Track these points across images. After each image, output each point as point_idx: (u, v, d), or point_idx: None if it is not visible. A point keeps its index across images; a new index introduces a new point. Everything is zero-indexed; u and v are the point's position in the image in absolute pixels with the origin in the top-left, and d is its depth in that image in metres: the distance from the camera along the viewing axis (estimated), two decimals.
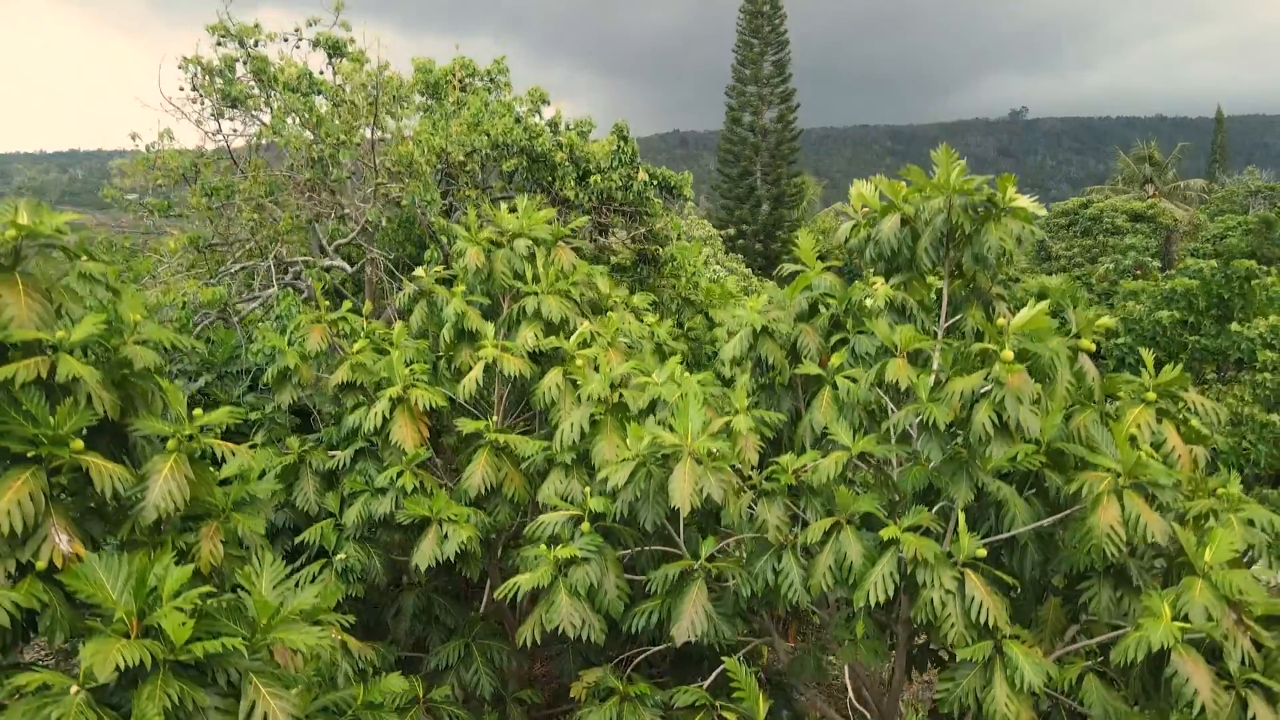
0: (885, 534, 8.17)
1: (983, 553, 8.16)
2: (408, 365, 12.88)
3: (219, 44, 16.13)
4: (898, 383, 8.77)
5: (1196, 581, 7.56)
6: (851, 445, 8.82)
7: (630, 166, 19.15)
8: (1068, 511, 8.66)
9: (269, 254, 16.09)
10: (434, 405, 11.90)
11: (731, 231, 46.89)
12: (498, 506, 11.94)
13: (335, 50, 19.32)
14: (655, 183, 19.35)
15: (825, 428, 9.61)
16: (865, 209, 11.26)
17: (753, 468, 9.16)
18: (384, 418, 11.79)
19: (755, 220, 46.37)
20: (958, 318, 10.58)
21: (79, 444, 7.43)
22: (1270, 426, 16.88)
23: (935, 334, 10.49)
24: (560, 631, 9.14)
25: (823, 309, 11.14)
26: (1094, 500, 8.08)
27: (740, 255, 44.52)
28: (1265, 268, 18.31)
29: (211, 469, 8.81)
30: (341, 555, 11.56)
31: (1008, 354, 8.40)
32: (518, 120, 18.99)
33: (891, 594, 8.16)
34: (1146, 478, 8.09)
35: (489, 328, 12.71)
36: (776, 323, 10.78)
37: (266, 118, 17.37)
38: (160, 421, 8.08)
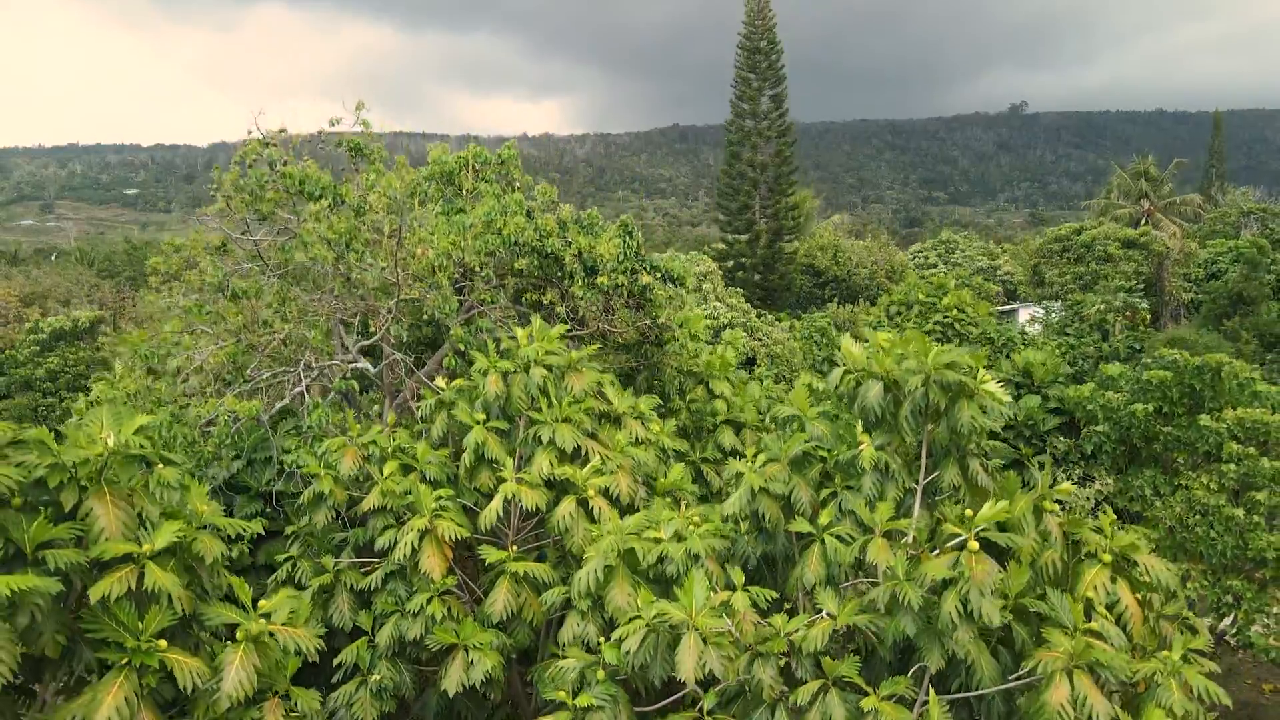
0: (865, 704, 9.31)
1: None
2: (433, 487, 14.06)
3: (252, 164, 17.15)
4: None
5: None
6: (838, 615, 9.93)
7: (635, 260, 20.21)
8: (1027, 680, 9.77)
9: (299, 357, 17.15)
10: (458, 536, 13.01)
11: (730, 264, 47.92)
12: (517, 628, 13.10)
13: (356, 152, 20.41)
14: (659, 275, 20.41)
15: (814, 585, 10.73)
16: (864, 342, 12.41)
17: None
18: (413, 547, 12.91)
19: (754, 253, 47.38)
20: (935, 474, 11.69)
21: (163, 644, 8.55)
22: (1234, 520, 18.00)
23: (915, 489, 11.63)
24: None
25: (814, 460, 12.23)
26: (1047, 679, 9.21)
27: (740, 289, 45.52)
28: (1232, 355, 19.35)
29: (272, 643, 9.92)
30: (376, 676, 12.69)
31: (973, 544, 9.51)
32: (529, 215, 20.07)
33: None
34: (1094, 660, 9.20)
35: (509, 461, 13.82)
36: (772, 481, 11.87)
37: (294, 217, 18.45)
38: (229, 609, 9.20)
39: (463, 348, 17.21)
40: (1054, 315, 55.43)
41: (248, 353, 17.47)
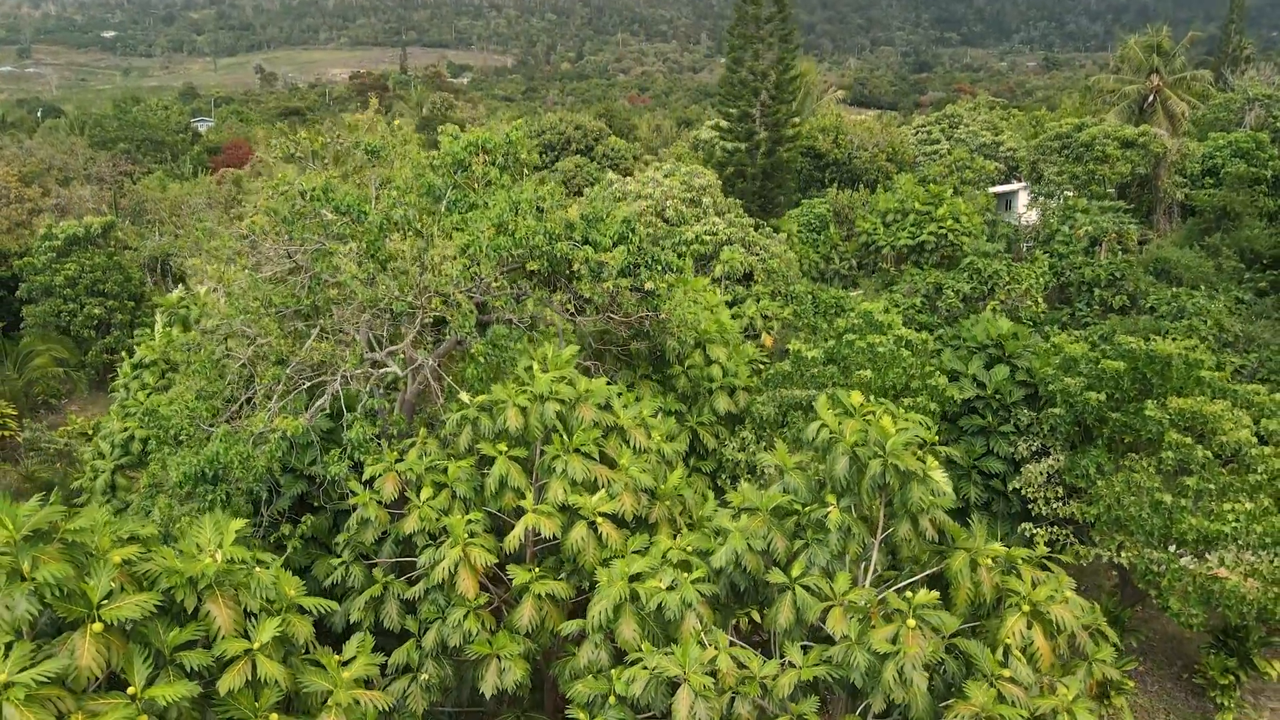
0: None
1: None
2: (463, 504, 16.45)
3: (283, 194, 18.48)
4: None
5: None
6: (802, 667, 12.45)
7: (637, 256, 21.75)
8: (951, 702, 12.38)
9: (335, 366, 19.04)
10: (488, 563, 15.42)
11: (730, 171, 48.52)
12: (541, 634, 15.74)
13: (372, 154, 21.56)
14: (659, 267, 21.96)
15: (784, 632, 13.21)
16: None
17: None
18: (450, 571, 15.34)
19: (754, 162, 47.87)
20: (891, 529, 13.97)
21: (275, 716, 11.05)
22: (1163, 504, 20.32)
23: (874, 543, 13.95)
24: None
25: (790, 514, 14.47)
26: None
27: (739, 199, 46.37)
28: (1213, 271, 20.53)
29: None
30: (425, 675, 15.43)
31: (911, 622, 11.87)
32: (539, 211, 21.47)
33: None
34: (999, 714, 11.77)
35: (529, 492, 16.08)
36: (754, 537, 14.13)
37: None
38: (322, 677, 11.67)
39: (482, 360, 19.09)
40: (1051, 205, 56.41)
41: (286, 365, 19.32)
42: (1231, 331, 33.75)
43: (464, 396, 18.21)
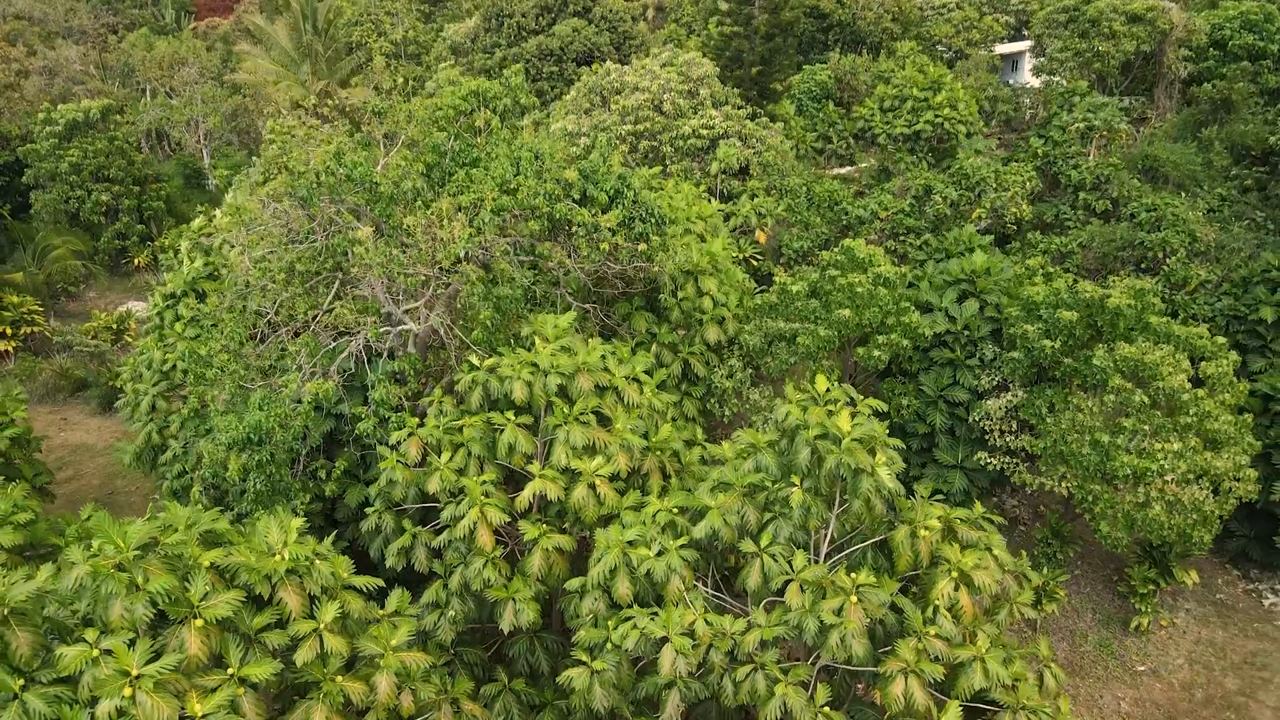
0: (779, 689, 14.85)
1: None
2: (478, 462, 18.90)
3: (300, 175, 19.78)
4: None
5: None
6: (765, 627, 15.22)
7: (632, 209, 23.16)
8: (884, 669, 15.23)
9: (358, 329, 20.98)
10: (502, 520, 17.98)
11: (729, 55, 48.05)
12: (549, 578, 18.52)
13: (378, 115, 22.55)
14: (654, 221, 23.40)
15: (754, 594, 15.92)
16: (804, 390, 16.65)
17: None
18: (470, 529, 17.93)
19: (752, 49, 47.33)
20: (846, 505, 16.42)
21: (340, 678, 13.84)
22: (1101, 443, 22.61)
23: (828, 520, 16.44)
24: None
25: (761, 490, 16.85)
26: (890, 678, 14.68)
27: (736, 86, 46.15)
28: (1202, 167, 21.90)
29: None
30: (451, 612, 18.31)
31: (853, 599, 14.49)
32: (541, 169, 22.74)
33: None
34: (920, 668, 14.59)
35: (536, 462, 18.42)
36: (728, 512, 16.56)
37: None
38: (374, 643, 14.42)
39: (489, 324, 20.93)
40: (1053, 80, 56.06)
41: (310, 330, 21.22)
42: (1205, 241, 35.10)
43: (473, 359, 20.26)
